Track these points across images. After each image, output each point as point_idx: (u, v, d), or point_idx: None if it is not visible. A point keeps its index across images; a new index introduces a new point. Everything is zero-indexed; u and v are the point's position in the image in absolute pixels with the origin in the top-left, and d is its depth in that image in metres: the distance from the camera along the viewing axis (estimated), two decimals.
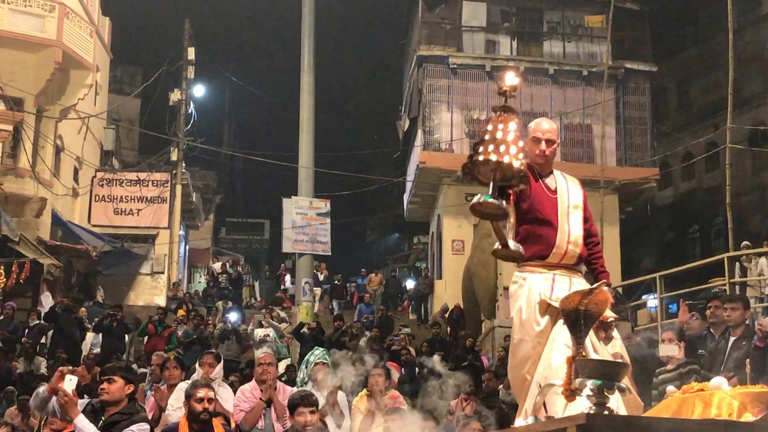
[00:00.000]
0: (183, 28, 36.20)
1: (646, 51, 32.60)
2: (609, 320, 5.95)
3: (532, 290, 6.13)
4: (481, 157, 5.17)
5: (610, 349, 6.01)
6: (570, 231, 6.24)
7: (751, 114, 33.62)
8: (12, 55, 25.73)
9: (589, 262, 6.49)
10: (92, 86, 29.84)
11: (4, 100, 25.02)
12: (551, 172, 6.48)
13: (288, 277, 35.50)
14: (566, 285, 6.09)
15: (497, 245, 5.62)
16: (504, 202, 5.24)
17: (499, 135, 5.20)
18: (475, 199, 5.21)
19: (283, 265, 37.45)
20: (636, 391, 6.03)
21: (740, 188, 28.64)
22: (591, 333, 5.54)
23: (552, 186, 6.39)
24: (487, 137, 5.22)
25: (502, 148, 5.15)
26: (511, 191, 5.48)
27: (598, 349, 5.72)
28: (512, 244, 5.62)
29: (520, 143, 5.28)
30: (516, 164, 5.17)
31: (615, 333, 6.19)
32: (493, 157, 5.13)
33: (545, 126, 6.49)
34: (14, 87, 25.37)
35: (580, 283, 6.15)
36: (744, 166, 32.63)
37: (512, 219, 5.76)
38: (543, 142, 6.38)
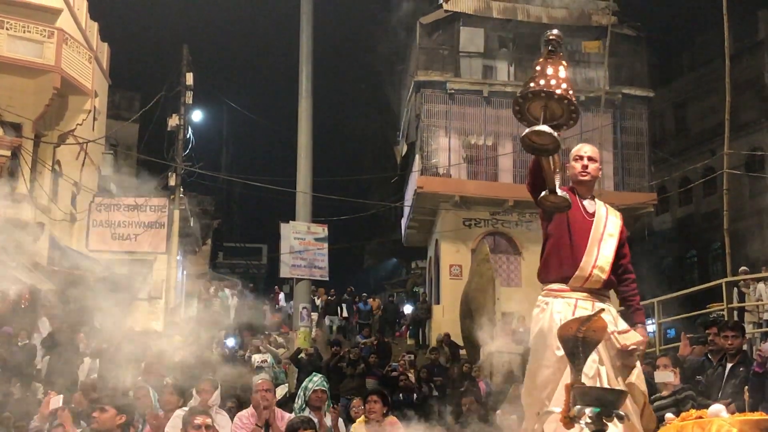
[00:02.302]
0: (181, 53, 36.28)
1: (643, 77, 32.71)
2: (630, 348, 5.92)
3: (553, 315, 6.10)
4: (558, 90, 5.12)
5: (628, 378, 5.97)
6: (598, 256, 6.21)
7: (748, 139, 33.69)
8: (10, 81, 25.74)
9: (624, 299, 6.47)
10: (90, 111, 29.86)
11: (2, 126, 25.02)
12: (592, 198, 6.48)
13: (282, 296, 35.48)
14: (588, 311, 6.05)
15: (545, 192, 5.55)
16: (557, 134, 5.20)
17: (549, 71, 5.19)
18: (528, 129, 5.17)
19: (276, 287, 37.44)
20: (641, 420, 6.00)
21: (738, 213, 28.65)
22: (607, 361, 5.55)
23: (590, 209, 6.37)
24: (537, 73, 5.20)
25: (553, 82, 5.13)
26: (559, 133, 5.42)
27: (611, 379, 5.71)
28: (560, 192, 5.56)
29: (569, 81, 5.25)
30: (566, 98, 5.14)
31: (637, 362, 6.15)
32: (558, 91, 5.08)
33: (586, 148, 6.54)
34: (12, 112, 25.37)
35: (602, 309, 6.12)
36: (741, 192, 32.67)
37: (557, 169, 5.67)
38: (585, 159, 6.41)
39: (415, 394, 18.49)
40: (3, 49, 25.87)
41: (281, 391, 18.58)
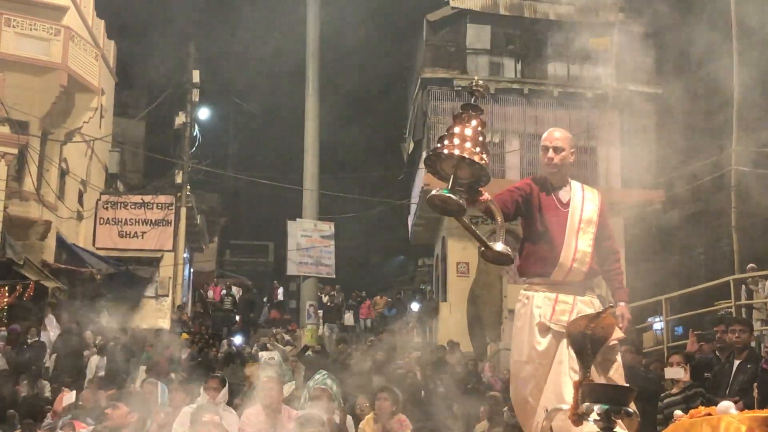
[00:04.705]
0: (188, 51, 36.28)
1: (651, 73, 32.59)
2: (610, 343, 5.88)
3: (533, 311, 6.08)
4: (445, 151, 5.18)
5: (606, 373, 5.93)
6: (576, 248, 6.14)
7: (756, 136, 33.54)
8: (17, 79, 25.74)
9: (607, 279, 6.43)
10: (97, 109, 29.87)
11: (9, 124, 25.04)
12: (567, 184, 6.39)
13: (280, 290, 35.44)
14: (569, 306, 6.03)
15: (482, 249, 5.57)
16: (461, 198, 5.23)
17: (462, 131, 5.22)
18: (433, 192, 5.22)
19: (275, 282, 37.52)
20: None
21: (745, 210, 28.55)
22: None
23: (565, 199, 6.29)
24: (451, 132, 5.23)
25: (467, 144, 5.15)
26: (482, 189, 5.44)
27: (593, 374, 5.66)
28: (500, 246, 5.52)
29: (480, 139, 5.26)
30: (477, 160, 5.16)
31: (618, 357, 6.12)
32: (456, 152, 5.14)
33: (555, 134, 6.40)
34: (19, 110, 25.38)
35: (584, 302, 6.09)
36: (749, 189, 32.54)
37: (499, 219, 5.65)
38: (550, 150, 6.30)
39: (422, 392, 18.44)
40: (10, 46, 25.90)
41: (288, 389, 18.57)
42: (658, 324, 21.40)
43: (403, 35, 37.64)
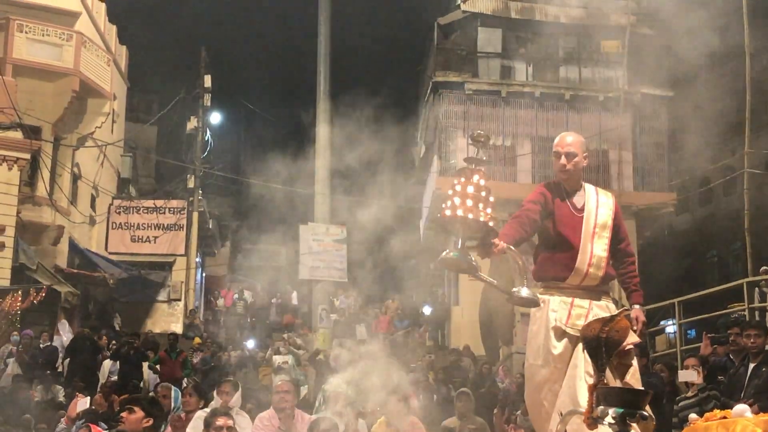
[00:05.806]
0: (199, 56, 36.34)
1: (663, 76, 32.49)
2: (626, 348, 5.86)
3: (549, 314, 6.07)
4: (448, 212, 5.25)
5: (623, 377, 5.91)
6: (592, 253, 6.12)
7: None
8: (30, 84, 25.80)
9: (622, 281, 6.42)
10: (109, 114, 29.92)
11: (22, 129, 25.10)
12: (581, 188, 6.38)
13: (294, 294, 35.41)
14: (584, 310, 6.01)
15: (507, 297, 5.74)
16: (472, 257, 5.35)
17: (464, 189, 5.29)
18: (443, 254, 5.29)
19: (288, 286, 37.48)
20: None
21: (758, 213, 28.44)
22: None
23: (579, 204, 6.26)
24: (454, 192, 5.30)
25: (468, 202, 5.21)
26: (495, 241, 5.50)
27: (609, 379, 5.64)
28: (525, 291, 5.61)
29: (483, 194, 5.31)
30: (481, 218, 5.22)
31: (633, 361, 6.09)
32: (459, 213, 5.20)
33: (567, 140, 6.36)
34: (32, 115, 25.41)
35: (599, 307, 6.08)
36: (762, 191, 32.45)
37: (520, 262, 5.71)
38: (563, 156, 6.27)
39: (434, 396, 18.43)
40: (22, 52, 25.97)
41: (301, 393, 18.58)
42: (670, 327, 21.34)
43: (414, 39, 37.64)
